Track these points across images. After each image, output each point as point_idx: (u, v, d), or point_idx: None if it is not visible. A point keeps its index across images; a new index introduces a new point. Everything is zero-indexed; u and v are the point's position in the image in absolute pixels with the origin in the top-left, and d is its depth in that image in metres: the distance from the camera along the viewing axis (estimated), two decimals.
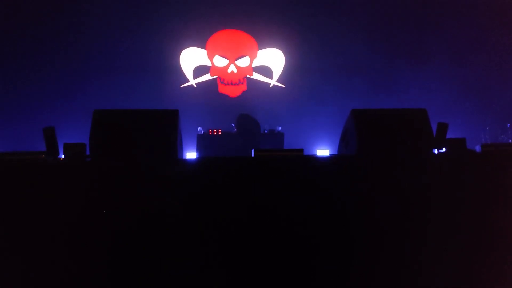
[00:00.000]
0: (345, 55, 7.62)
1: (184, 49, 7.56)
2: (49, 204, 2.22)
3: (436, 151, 2.71)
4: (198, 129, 6.94)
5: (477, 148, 2.68)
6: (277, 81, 7.79)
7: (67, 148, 2.45)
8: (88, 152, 2.49)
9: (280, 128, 7.07)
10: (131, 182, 2.30)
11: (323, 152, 7.11)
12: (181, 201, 2.31)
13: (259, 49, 7.70)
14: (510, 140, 6.94)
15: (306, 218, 2.34)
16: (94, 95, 6.89)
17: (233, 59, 7.61)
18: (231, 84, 7.64)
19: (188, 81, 7.59)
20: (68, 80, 7.01)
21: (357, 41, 7.61)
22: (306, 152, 2.79)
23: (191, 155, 6.62)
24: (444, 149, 2.72)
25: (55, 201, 2.22)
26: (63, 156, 2.48)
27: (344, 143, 2.88)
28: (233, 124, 6.81)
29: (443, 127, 2.72)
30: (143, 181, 2.31)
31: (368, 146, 2.56)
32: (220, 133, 6.82)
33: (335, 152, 3.26)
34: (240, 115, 6.55)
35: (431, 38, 7.55)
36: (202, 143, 6.75)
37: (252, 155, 2.71)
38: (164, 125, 2.55)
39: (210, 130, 6.80)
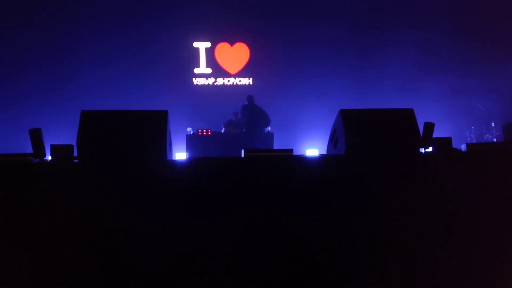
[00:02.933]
0: (332, 56, 7.70)
1: (172, 48, 7.53)
2: (36, 206, 2.19)
3: (423, 150, 2.76)
4: (188, 130, 6.92)
5: (463, 147, 2.73)
6: (262, 80, 7.83)
7: (54, 149, 2.41)
8: (75, 154, 2.46)
9: (269, 128, 7.10)
10: (119, 184, 2.28)
11: (312, 152, 7.15)
12: (170, 201, 2.30)
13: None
14: (495, 139, 7.08)
15: (296, 218, 2.35)
16: (82, 95, 6.81)
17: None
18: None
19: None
20: (55, 80, 6.92)
21: (343, 43, 7.70)
22: (295, 152, 2.81)
23: (180, 155, 6.59)
24: (430, 148, 2.77)
25: (41, 203, 2.19)
26: (50, 158, 2.44)
27: (333, 143, 2.91)
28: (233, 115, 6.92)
29: (429, 127, 2.76)
30: (132, 183, 2.29)
31: (356, 146, 2.59)
32: (209, 133, 6.81)
33: (324, 152, 3.29)
34: (246, 104, 6.70)
35: (416, 39, 7.65)
36: (192, 144, 6.72)
37: (242, 155, 2.72)
38: (153, 126, 2.53)
39: (200, 131, 6.78)
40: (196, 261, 2.26)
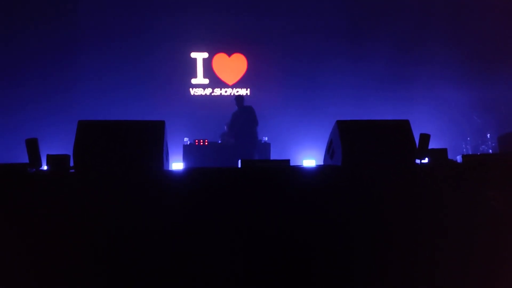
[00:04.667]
0: (330, 67, 7.77)
1: (170, 58, 7.57)
2: (32, 215, 2.17)
3: (419, 161, 2.77)
4: (184, 140, 6.92)
5: (458, 159, 2.75)
6: (259, 91, 7.87)
7: (50, 159, 2.41)
8: (72, 164, 2.45)
9: (266, 139, 7.11)
10: (115, 194, 2.27)
11: (309, 162, 7.17)
12: (167, 212, 2.29)
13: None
14: (490, 151, 7.12)
15: (293, 228, 2.34)
16: (79, 105, 6.81)
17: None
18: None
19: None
20: (52, 90, 6.92)
21: (341, 53, 7.78)
22: (292, 163, 2.81)
23: (177, 165, 6.57)
24: (426, 160, 2.78)
25: (37, 213, 2.17)
26: (46, 168, 2.43)
27: (329, 154, 2.92)
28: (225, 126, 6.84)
29: (425, 138, 2.78)
30: (128, 193, 2.29)
31: (353, 157, 2.60)
32: (206, 143, 6.81)
33: (321, 163, 3.29)
34: (236, 110, 6.53)
35: (414, 51, 7.75)
36: (189, 154, 6.71)
37: (239, 165, 2.72)
38: (150, 136, 2.53)
39: (197, 141, 6.78)
40: (194, 270, 2.24)
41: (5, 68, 6.84)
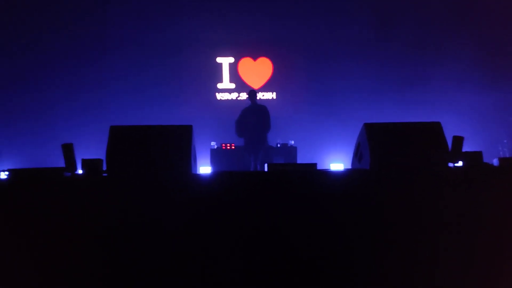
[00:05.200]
0: (357, 70, 7.66)
1: (196, 64, 7.71)
2: (67, 217, 2.27)
3: (452, 165, 2.68)
4: (212, 144, 7.01)
5: (495, 162, 2.63)
6: (285, 94, 7.88)
7: (85, 163, 2.51)
8: (105, 168, 2.54)
9: (293, 142, 7.08)
10: (145, 197, 2.34)
11: (337, 166, 7.07)
12: (195, 215, 2.33)
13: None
14: None
15: (320, 233, 2.32)
16: (111, 111, 7.06)
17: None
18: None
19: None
20: (86, 97, 7.20)
21: (368, 56, 7.66)
22: (319, 167, 2.79)
23: (205, 169, 6.66)
24: (460, 163, 2.68)
25: (73, 215, 2.27)
26: (81, 171, 2.54)
27: (357, 157, 2.87)
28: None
29: (458, 141, 2.69)
30: (157, 196, 2.34)
31: (381, 160, 2.55)
32: (233, 147, 6.87)
33: (349, 166, 3.25)
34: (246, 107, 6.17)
35: (444, 50, 7.52)
36: (216, 158, 6.80)
37: (266, 169, 2.73)
38: (178, 140, 2.59)
39: (224, 145, 6.85)
40: (221, 273, 2.26)
41: (41, 76, 7.18)
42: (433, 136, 2.65)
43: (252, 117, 6.15)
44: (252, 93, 6.42)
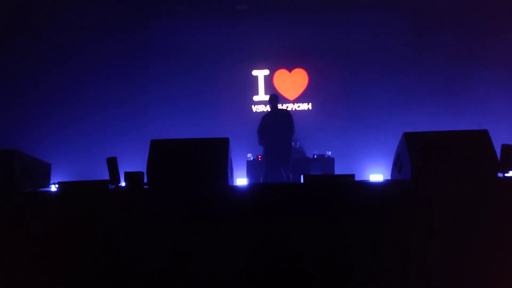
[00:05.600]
0: (397, 78, 7.47)
1: (232, 77, 7.86)
2: (111, 227, 2.37)
3: (502, 175, 2.51)
4: (248, 156, 7.06)
5: None
6: (321, 104, 7.80)
7: (127, 176, 2.62)
8: (145, 180, 2.64)
9: (330, 153, 6.98)
10: (184, 208, 2.39)
11: (376, 177, 6.87)
12: (232, 226, 2.35)
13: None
14: None
15: (359, 246, 2.26)
16: (152, 125, 7.36)
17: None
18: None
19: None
20: (128, 114, 7.56)
21: (407, 64, 7.46)
22: (358, 178, 2.72)
23: (241, 181, 6.72)
24: (511, 173, 2.52)
25: (116, 225, 2.37)
26: (124, 184, 2.65)
27: (397, 168, 2.78)
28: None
29: (508, 149, 2.52)
30: (195, 208, 2.39)
31: (423, 171, 2.45)
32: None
33: (389, 177, 3.14)
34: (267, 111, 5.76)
35: (488, 57, 7.15)
36: (252, 169, 6.83)
37: (302, 180, 2.70)
38: (215, 153, 2.64)
39: (260, 156, 6.88)
40: (261, 286, 2.26)
41: (85, 93, 7.60)
42: (480, 144, 2.50)
43: (273, 124, 5.61)
44: (273, 98, 5.85)
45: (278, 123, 5.59)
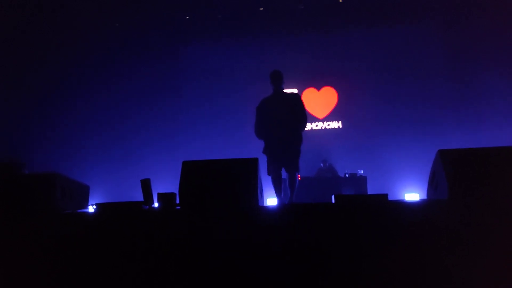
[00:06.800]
0: (427, 94, 7.29)
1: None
2: (145, 246, 2.43)
3: None
4: None
5: None
6: (352, 122, 7.69)
7: (160, 197, 2.69)
8: (178, 201, 2.70)
9: (362, 172, 6.83)
10: (214, 229, 2.42)
11: (412, 196, 6.63)
12: (263, 247, 2.34)
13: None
14: None
15: (392, 268, 2.17)
16: (184, 147, 7.55)
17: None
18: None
19: None
20: (161, 135, 7.82)
21: (440, 81, 7.28)
22: (392, 197, 2.65)
23: (271, 201, 6.68)
24: None
25: (150, 244, 2.42)
26: (157, 204, 2.72)
27: (432, 186, 2.68)
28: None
29: None
30: (226, 228, 2.41)
31: (460, 190, 2.35)
32: (299, 178, 6.81)
33: (425, 197, 3.03)
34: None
35: None
36: (283, 189, 6.78)
37: (333, 200, 2.66)
38: (245, 173, 2.67)
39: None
40: None
41: (123, 119, 7.95)
42: None
43: (276, 109, 4.15)
44: (275, 75, 4.30)
45: (282, 109, 4.08)
